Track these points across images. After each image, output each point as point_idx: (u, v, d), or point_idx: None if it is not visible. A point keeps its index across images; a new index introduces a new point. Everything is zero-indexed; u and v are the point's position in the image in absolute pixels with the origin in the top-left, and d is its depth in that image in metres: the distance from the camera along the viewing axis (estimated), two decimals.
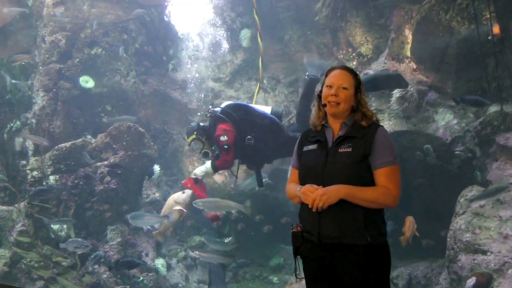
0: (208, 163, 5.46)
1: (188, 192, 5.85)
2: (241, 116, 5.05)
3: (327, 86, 2.45)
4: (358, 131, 2.39)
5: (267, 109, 5.27)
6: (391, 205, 2.33)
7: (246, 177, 7.92)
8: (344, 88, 2.41)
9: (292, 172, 2.63)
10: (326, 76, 2.51)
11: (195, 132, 5.23)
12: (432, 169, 6.21)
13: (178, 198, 5.84)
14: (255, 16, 6.02)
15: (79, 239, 6.39)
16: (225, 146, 4.96)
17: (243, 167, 7.54)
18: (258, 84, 6.31)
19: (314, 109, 2.59)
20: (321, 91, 2.53)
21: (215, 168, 5.29)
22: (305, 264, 2.46)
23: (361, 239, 2.27)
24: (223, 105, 5.26)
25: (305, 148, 2.52)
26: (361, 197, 2.27)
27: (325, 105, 2.43)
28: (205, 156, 5.25)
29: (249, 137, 5.02)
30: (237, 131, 5.02)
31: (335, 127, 2.47)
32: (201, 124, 5.29)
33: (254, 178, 6.09)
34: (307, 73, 5.63)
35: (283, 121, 5.54)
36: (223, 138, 4.96)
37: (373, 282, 2.29)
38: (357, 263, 2.27)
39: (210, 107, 5.28)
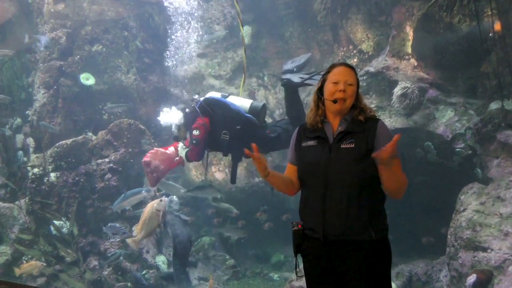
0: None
1: (165, 200, 6.06)
2: (217, 111, 5.17)
3: (332, 83, 2.44)
4: (358, 126, 2.40)
5: (247, 103, 5.34)
6: (401, 195, 2.36)
7: (247, 174, 7.91)
8: (350, 84, 2.42)
9: (288, 167, 2.61)
10: (328, 73, 2.50)
11: None
12: (433, 166, 6.21)
13: (157, 205, 5.96)
14: (236, 4, 6.01)
15: (117, 224, 6.39)
16: (194, 141, 5.13)
17: (244, 164, 7.59)
18: (243, 75, 6.27)
19: (311, 107, 2.56)
20: (320, 88, 2.52)
21: (187, 158, 5.45)
22: (306, 263, 2.44)
23: (366, 235, 2.28)
24: (207, 95, 5.39)
25: (304, 144, 2.51)
26: (399, 177, 2.31)
27: (335, 101, 2.40)
28: (175, 139, 5.44)
29: (224, 131, 5.15)
30: (213, 126, 5.16)
31: (335, 123, 2.46)
32: (187, 110, 5.38)
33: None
34: (281, 83, 5.57)
35: (272, 115, 5.50)
36: (195, 132, 5.12)
37: (378, 276, 2.30)
38: (362, 259, 2.28)
39: (196, 96, 5.38)
